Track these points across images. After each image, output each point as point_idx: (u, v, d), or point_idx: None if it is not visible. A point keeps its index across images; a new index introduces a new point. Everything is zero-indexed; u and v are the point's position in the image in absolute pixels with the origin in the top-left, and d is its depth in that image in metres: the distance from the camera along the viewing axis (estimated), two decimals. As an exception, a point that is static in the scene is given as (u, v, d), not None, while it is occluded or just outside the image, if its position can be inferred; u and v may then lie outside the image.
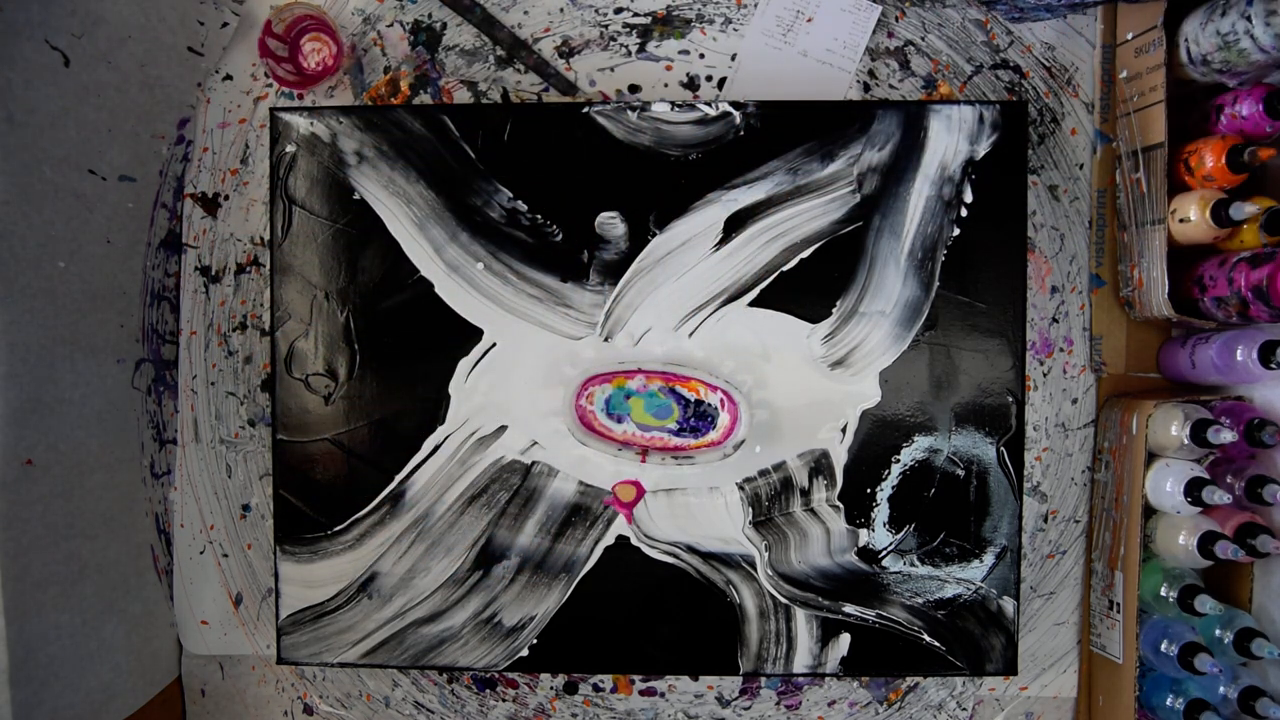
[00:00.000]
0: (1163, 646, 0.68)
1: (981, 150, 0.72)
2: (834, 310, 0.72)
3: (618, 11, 0.78)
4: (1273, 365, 0.65)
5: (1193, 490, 0.67)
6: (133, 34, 0.71)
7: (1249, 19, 0.63)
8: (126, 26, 0.70)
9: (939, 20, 0.77)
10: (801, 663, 0.73)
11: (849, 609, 0.73)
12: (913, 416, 0.73)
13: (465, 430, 0.74)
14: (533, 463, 0.74)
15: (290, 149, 0.73)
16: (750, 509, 0.73)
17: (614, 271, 0.73)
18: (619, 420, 0.73)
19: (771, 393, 0.73)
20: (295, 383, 0.74)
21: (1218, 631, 0.69)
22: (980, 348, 0.72)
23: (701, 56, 0.78)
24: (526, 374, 0.73)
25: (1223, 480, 0.70)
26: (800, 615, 0.73)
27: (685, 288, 0.73)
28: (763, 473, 0.73)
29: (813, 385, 0.73)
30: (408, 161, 0.73)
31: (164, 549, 0.79)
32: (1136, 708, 0.70)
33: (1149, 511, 0.72)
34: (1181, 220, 0.68)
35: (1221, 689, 0.68)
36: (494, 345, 0.74)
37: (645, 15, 0.78)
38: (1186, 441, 0.67)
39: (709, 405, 0.72)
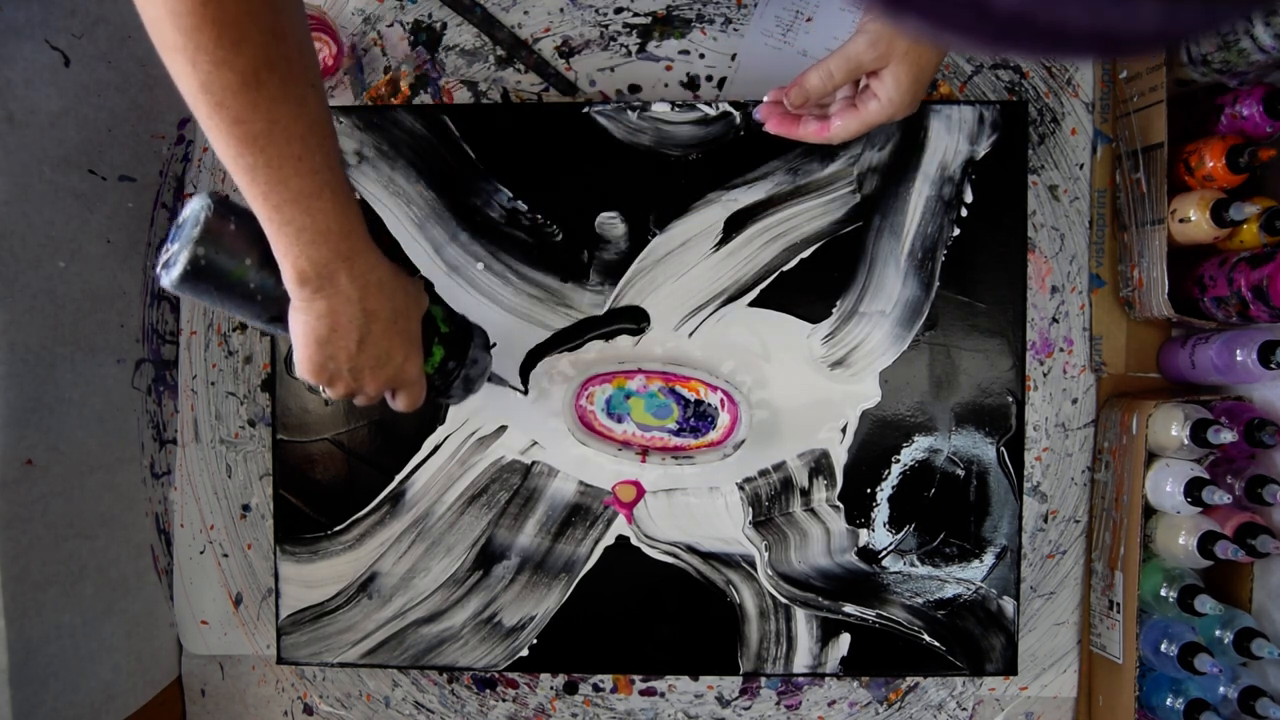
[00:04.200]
0: (1163, 646, 0.68)
1: (981, 150, 0.72)
2: (834, 310, 0.72)
3: (618, 11, 0.78)
4: (1273, 365, 0.65)
5: (1193, 490, 0.67)
6: (133, 34, 0.71)
7: (1249, 19, 0.62)
8: (126, 26, 0.70)
9: (939, 20, 0.77)
10: (801, 663, 0.73)
11: (849, 609, 0.73)
12: (913, 416, 0.73)
13: (465, 430, 0.74)
14: (533, 463, 0.74)
15: (290, 149, 0.73)
16: (750, 509, 0.73)
17: (614, 271, 0.73)
18: (619, 420, 0.73)
19: (771, 393, 0.73)
20: (295, 383, 0.74)
21: (1218, 631, 0.69)
22: (980, 348, 0.72)
23: (701, 56, 0.78)
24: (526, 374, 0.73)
25: (1223, 480, 0.70)
26: (800, 615, 0.73)
27: (685, 288, 0.73)
28: (763, 473, 0.73)
29: (813, 385, 0.73)
30: (408, 161, 0.73)
31: (164, 549, 0.79)
32: (1136, 708, 0.70)
33: (1149, 511, 0.72)
34: (1181, 220, 0.68)
35: (1221, 689, 0.68)
36: (494, 345, 0.74)
37: (645, 15, 0.78)
38: (1186, 441, 0.67)
39: (709, 405, 0.72)
